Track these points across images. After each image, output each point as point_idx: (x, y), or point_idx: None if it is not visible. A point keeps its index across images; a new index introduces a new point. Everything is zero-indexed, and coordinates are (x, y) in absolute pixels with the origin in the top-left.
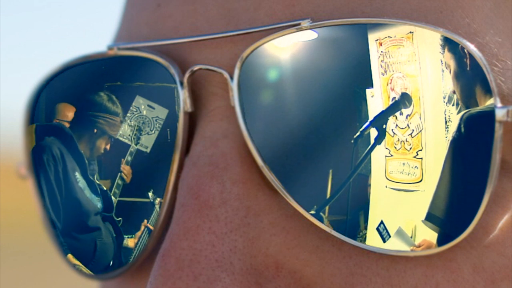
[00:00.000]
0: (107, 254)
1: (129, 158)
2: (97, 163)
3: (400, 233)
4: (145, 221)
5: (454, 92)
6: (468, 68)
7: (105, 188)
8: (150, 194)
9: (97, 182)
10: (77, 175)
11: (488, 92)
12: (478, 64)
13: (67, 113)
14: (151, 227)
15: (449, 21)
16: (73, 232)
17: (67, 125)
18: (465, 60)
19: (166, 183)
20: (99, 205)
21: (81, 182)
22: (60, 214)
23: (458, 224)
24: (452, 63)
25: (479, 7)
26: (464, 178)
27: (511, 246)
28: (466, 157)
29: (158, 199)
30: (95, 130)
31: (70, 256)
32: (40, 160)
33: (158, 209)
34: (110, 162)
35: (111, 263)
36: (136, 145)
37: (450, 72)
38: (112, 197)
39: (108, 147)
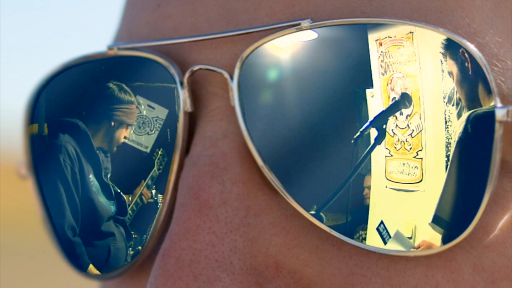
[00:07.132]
0: (107, 254)
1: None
2: (98, 162)
3: (400, 233)
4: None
5: (454, 92)
6: (468, 68)
7: (110, 189)
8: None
9: (99, 182)
10: (77, 175)
11: (488, 92)
12: (478, 64)
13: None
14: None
15: (449, 21)
16: (73, 232)
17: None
18: (465, 60)
19: (166, 183)
20: (100, 205)
21: (82, 182)
22: (60, 214)
23: (458, 224)
24: (452, 63)
25: (479, 7)
26: (464, 178)
27: (511, 246)
28: (466, 157)
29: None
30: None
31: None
32: (40, 160)
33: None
34: (111, 161)
35: (111, 263)
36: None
37: (450, 72)
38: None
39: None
